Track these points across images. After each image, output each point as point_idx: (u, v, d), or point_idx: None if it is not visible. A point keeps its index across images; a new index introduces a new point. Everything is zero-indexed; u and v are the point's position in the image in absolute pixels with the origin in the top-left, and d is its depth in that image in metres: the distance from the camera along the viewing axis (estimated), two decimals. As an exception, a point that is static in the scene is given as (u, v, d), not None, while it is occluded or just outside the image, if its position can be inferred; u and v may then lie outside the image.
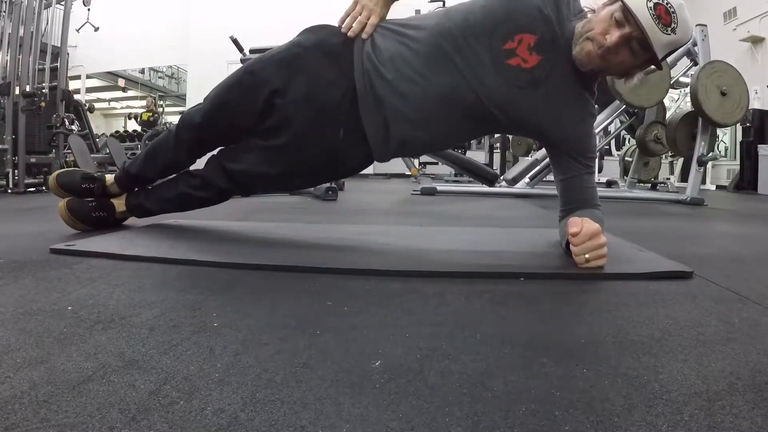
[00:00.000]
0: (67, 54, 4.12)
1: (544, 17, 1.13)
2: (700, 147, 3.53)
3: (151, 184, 1.48)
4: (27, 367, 0.52)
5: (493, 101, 1.15)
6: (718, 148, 6.71)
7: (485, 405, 0.46)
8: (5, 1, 3.91)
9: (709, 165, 5.65)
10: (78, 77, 9.86)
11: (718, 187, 6.77)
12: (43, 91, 3.76)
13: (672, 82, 3.78)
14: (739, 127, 6.26)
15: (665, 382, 0.52)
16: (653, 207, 3.18)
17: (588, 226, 1.02)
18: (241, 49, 3.73)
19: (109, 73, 11.50)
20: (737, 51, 6.57)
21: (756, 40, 6.56)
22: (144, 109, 8.63)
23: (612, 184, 5.14)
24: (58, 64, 3.95)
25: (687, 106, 5.23)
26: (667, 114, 4.72)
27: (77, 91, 9.21)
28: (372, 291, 0.87)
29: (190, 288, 0.87)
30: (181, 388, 0.48)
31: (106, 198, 1.48)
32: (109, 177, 1.50)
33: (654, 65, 1.13)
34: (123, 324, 0.66)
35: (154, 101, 9.08)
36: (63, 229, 1.41)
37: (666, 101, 4.76)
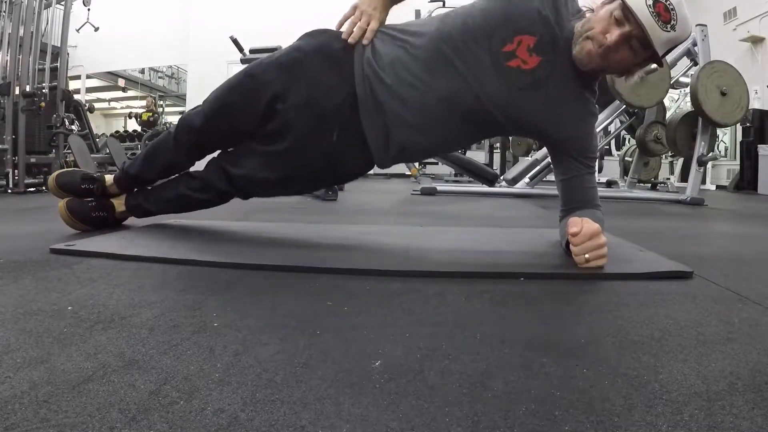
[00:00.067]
0: (67, 54, 4.12)
1: (543, 18, 1.13)
2: (700, 147, 3.53)
3: (151, 185, 1.48)
4: (27, 367, 0.52)
5: (494, 104, 1.15)
6: (718, 148, 6.72)
7: (485, 405, 0.46)
8: (5, 1, 3.91)
9: (709, 165, 5.65)
10: (78, 77, 9.87)
11: (718, 187, 6.78)
12: (43, 91, 3.76)
13: (672, 82, 3.78)
14: (739, 127, 6.27)
15: (665, 382, 0.52)
16: (653, 207, 3.18)
17: (588, 226, 1.02)
18: (241, 49, 3.73)
19: (109, 73, 11.50)
20: (737, 51, 6.57)
21: (756, 40, 6.56)
22: (144, 109, 8.63)
23: (612, 184, 5.14)
24: (58, 64, 3.94)
25: (687, 106, 5.22)
26: (667, 114, 4.72)
27: (77, 91, 9.22)
28: (372, 291, 0.87)
29: (190, 288, 0.87)
30: (181, 388, 0.48)
31: (106, 198, 1.48)
32: (109, 177, 1.50)
33: (655, 63, 1.13)
34: (123, 324, 0.66)
35: (154, 101, 9.08)
36: (63, 229, 1.41)
37: (666, 101, 4.76)
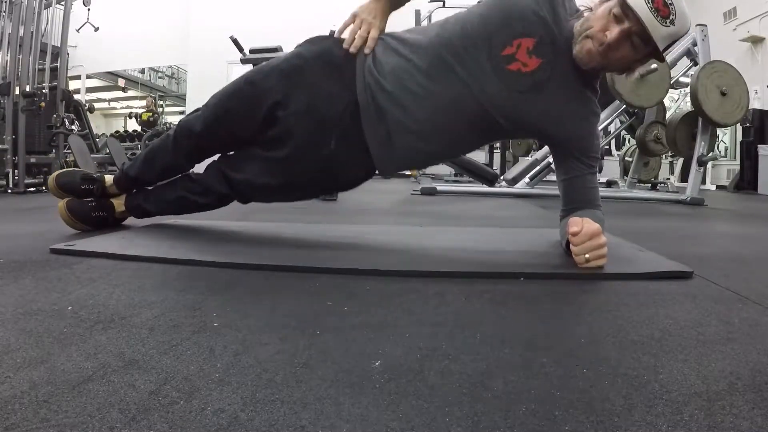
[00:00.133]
0: (67, 54, 4.12)
1: (541, 19, 1.13)
2: (700, 147, 3.53)
3: (151, 186, 1.48)
4: (27, 367, 0.52)
5: (496, 108, 1.15)
6: (718, 148, 6.72)
7: (485, 405, 0.46)
8: (5, 1, 3.91)
9: (709, 165, 5.65)
10: (78, 77, 9.87)
11: (718, 187, 6.78)
12: (43, 91, 3.76)
13: (672, 82, 3.78)
14: (739, 127, 6.26)
15: (665, 382, 0.52)
16: (653, 207, 3.18)
17: (588, 226, 1.02)
18: (241, 49, 3.72)
19: (109, 73, 11.51)
20: (737, 51, 6.57)
21: (756, 40, 6.56)
22: (144, 109, 8.63)
23: (612, 184, 5.14)
24: (58, 64, 3.95)
25: (687, 106, 5.23)
26: (667, 114, 4.72)
27: (77, 91, 9.22)
28: (372, 291, 0.87)
29: (190, 288, 0.87)
30: (181, 388, 0.48)
31: (106, 198, 1.48)
32: (109, 177, 1.50)
33: (656, 58, 1.13)
34: (123, 324, 0.66)
35: (154, 101, 9.09)
36: (63, 229, 1.41)
37: (666, 101, 4.76)
